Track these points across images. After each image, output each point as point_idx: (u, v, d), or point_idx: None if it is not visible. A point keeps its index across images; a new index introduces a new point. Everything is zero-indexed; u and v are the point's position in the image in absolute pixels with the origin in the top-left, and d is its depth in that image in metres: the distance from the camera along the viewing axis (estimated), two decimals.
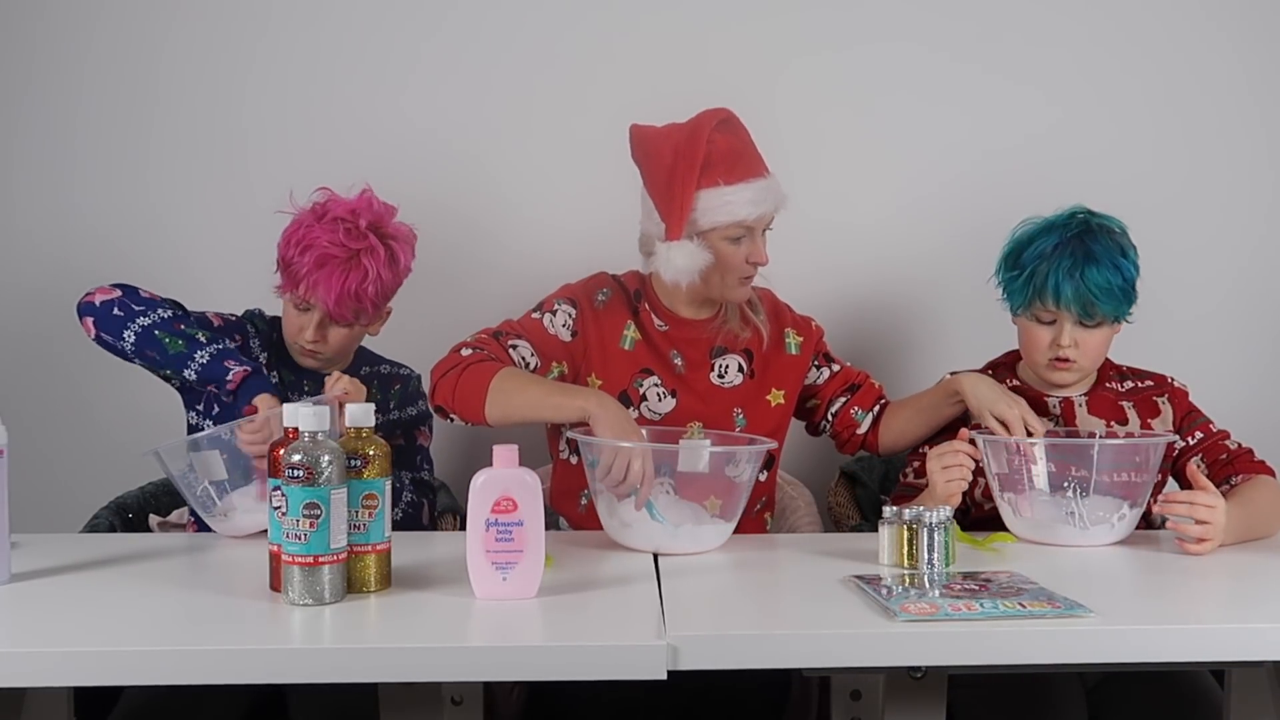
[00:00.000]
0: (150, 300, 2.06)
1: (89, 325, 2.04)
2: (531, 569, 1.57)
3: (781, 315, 2.26)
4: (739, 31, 2.71)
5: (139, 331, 2.01)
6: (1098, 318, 2.08)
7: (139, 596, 1.61)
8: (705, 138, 2.03)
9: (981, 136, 2.74)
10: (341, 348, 2.18)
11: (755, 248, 2.08)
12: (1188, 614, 1.64)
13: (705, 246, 2.05)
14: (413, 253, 2.19)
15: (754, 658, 1.44)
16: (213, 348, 2.01)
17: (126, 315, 2.02)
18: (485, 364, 1.99)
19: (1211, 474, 2.09)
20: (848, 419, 2.25)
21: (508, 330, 2.10)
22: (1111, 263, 2.06)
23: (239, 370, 1.98)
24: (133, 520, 2.18)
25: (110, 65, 2.69)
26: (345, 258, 2.07)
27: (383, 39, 2.70)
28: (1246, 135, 2.77)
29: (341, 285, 2.07)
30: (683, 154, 2.04)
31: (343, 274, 2.07)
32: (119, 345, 2.03)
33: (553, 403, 1.96)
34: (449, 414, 2.01)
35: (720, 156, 2.04)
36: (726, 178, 2.03)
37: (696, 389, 2.16)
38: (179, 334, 2.02)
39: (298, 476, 1.50)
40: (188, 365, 2.01)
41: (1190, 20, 2.75)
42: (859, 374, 2.29)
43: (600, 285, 2.20)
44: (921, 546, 1.74)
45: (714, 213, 2.04)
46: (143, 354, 2.02)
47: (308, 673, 1.42)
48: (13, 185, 2.71)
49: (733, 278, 2.09)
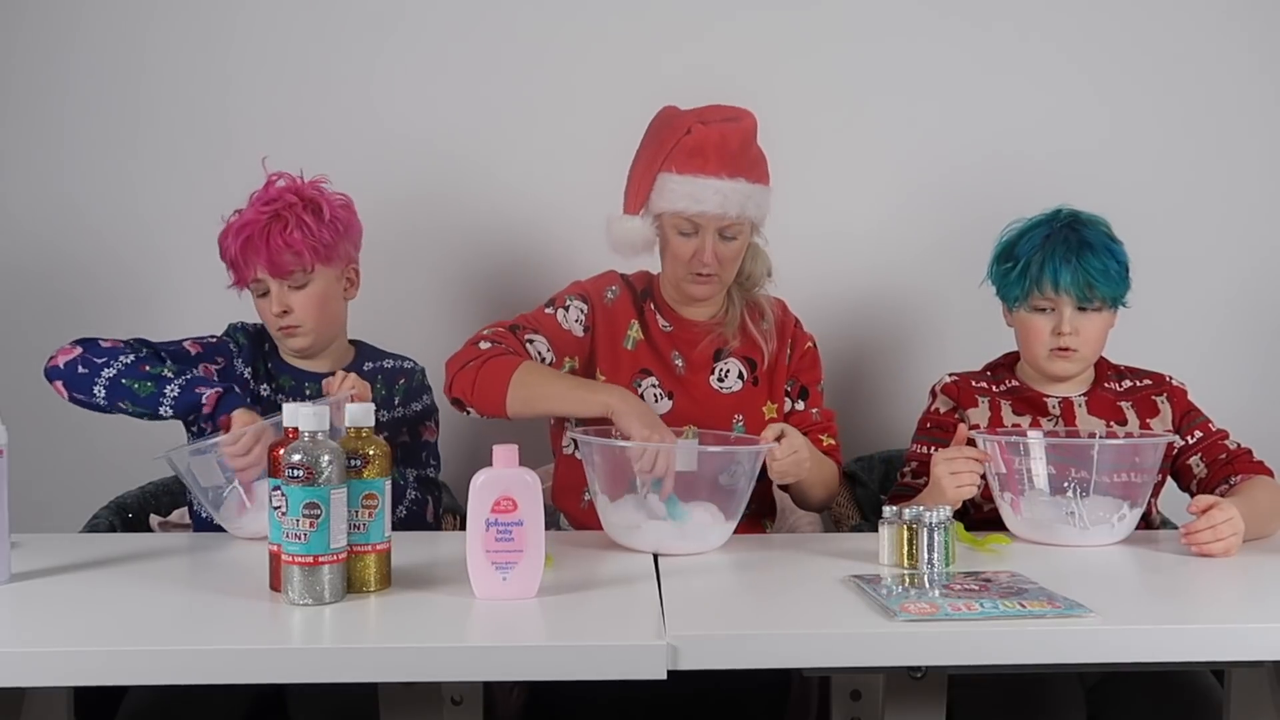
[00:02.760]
0: (111, 349, 2.04)
1: (60, 389, 2.03)
2: (531, 569, 1.57)
3: (786, 329, 2.25)
4: (739, 31, 2.71)
5: (107, 384, 2.01)
6: (1096, 301, 2.08)
7: (139, 596, 1.61)
8: (687, 126, 2.05)
9: (980, 137, 2.75)
10: (317, 318, 2.16)
11: (703, 247, 2.08)
12: (1187, 614, 1.64)
13: (656, 229, 2.09)
14: (348, 210, 2.20)
15: (754, 658, 1.44)
16: (180, 380, 2.01)
17: (91, 371, 2.01)
18: (505, 358, 2.00)
19: (1210, 473, 2.09)
20: None
21: (524, 324, 2.11)
22: (1105, 247, 2.08)
23: (211, 394, 1.98)
24: (133, 520, 2.18)
25: (100, 53, 2.70)
26: (265, 220, 2.11)
27: (379, 34, 2.71)
28: (1245, 133, 2.77)
29: (267, 242, 2.10)
30: (657, 133, 2.08)
31: (264, 233, 2.10)
32: (93, 402, 2.02)
33: (576, 397, 1.98)
34: (467, 406, 2.01)
35: (693, 147, 2.05)
36: (681, 168, 2.05)
37: (694, 392, 2.16)
38: (145, 376, 2.01)
39: (298, 476, 1.50)
40: (160, 404, 2.00)
41: (1188, 15, 2.75)
42: (811, 424, 2.21)
43: (609, 283, 2.21)
44: (921, 546, 1.74)
45: (661, 198, 2.07)
46: (116, 405, 2.02)
47: (308, 673, 1.42)
48: (11, 180, 2.71)
49: (681, 270, 2.11)
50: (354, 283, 2.25)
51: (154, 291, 2.71)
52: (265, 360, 2.23)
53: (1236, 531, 1.82)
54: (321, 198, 2.15)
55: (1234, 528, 1.81)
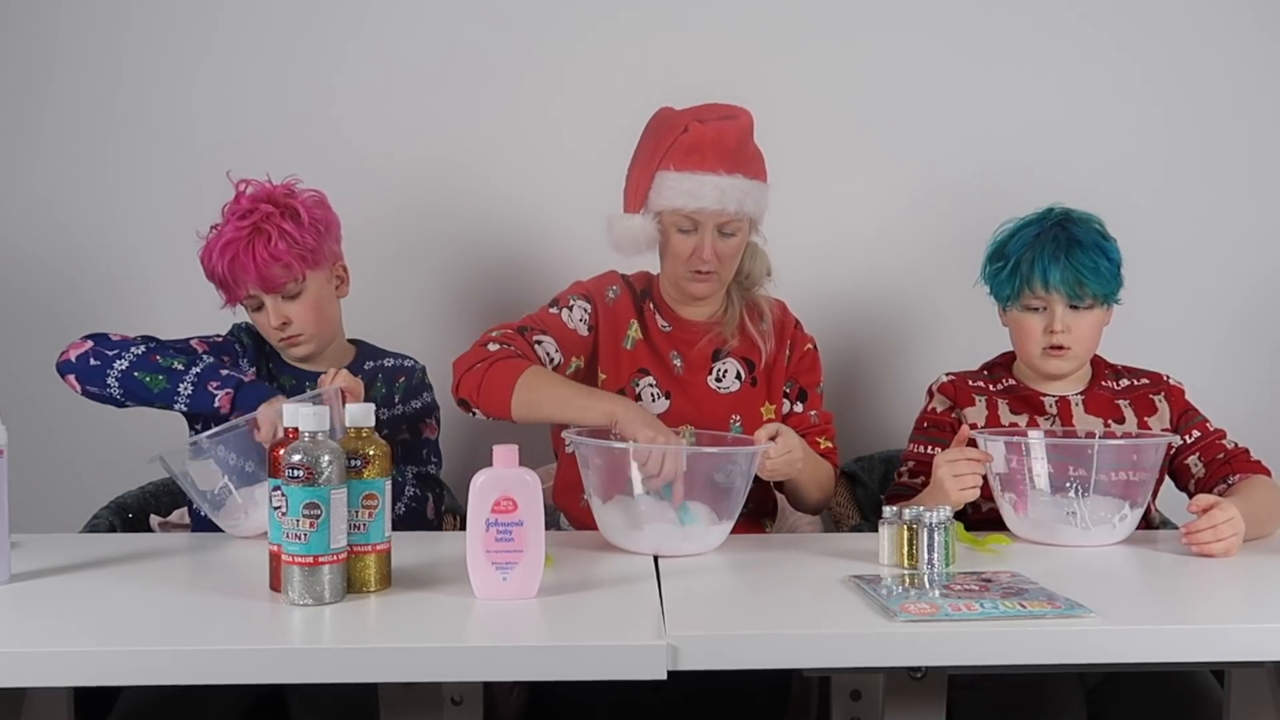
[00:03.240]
0: (121, 342, 2.04)
1: (73, 382, 2.02)
2: (531, 569, 1.57)
3: (785, 330, 2.25)
4: (737, 32, 2.71)
5: (120, 376, 2.00)
6: (1087, 299, 2.08)
7: (139, 596, 1.61)
8: (684, 124, 2.06)
9: (979, 137, 2.75)
10: (316, 324, 2.16)
11: (702, 244, 2.09)
12: (1188, 614, 1.64)
13: (656, 226, 2.09)
14: (323, 207, 2.18)
15: (754, 658, 1.44)
16: (193, 374, 2.00)
17: (103, 363, 2.01)
18: (512, 360, 2.00)
19: (1208, 472, 2.09)
20: None
21: (532, 325, 2.11)
22: (1095, 245, 2.08)
23: (224, 395, 1.98)
24: (133, 520, 2.18)
25: (90, 49, 2.70)
26: (246, 236, 2.09)
27: (378, 33, 2.71)
28: (1248, 133, 2.77)
29: (253, 257, 2.08)
30: (654, 133, 2.09)
31: (249, 248, 2.08)
32: (107, 394, 2.02)
33: (579, 404, 1.97)
34: (473, 408, 2.01)
35: (690, 144, 2.06)
36: (679, 164, 2.06)
37: (691, 392, 2.16)
38: (157, 369, 2.01)
39: (298, 476, 1.50)
40: (175, 400, 2.00)
41: (1191, 15, 2.75)
42: (809, 428, 2.21)
43: (610, 283, 2.21)
44: (921, 546, 1.74)
45: (663, 195, 2.08)
46: (131, 396, 2.02)
47: (308, 673, 1.42)
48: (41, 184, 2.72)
49: (681, 269, 2.12)
50: (344, 279, 2.25)
51: (130, 295, 2.72)
52: (267, 361, 2.23)
53: (1237, 532, 1.82)
54: (296, 201, 2.13)
55: (1235, 528, 1.81)
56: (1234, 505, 1.83)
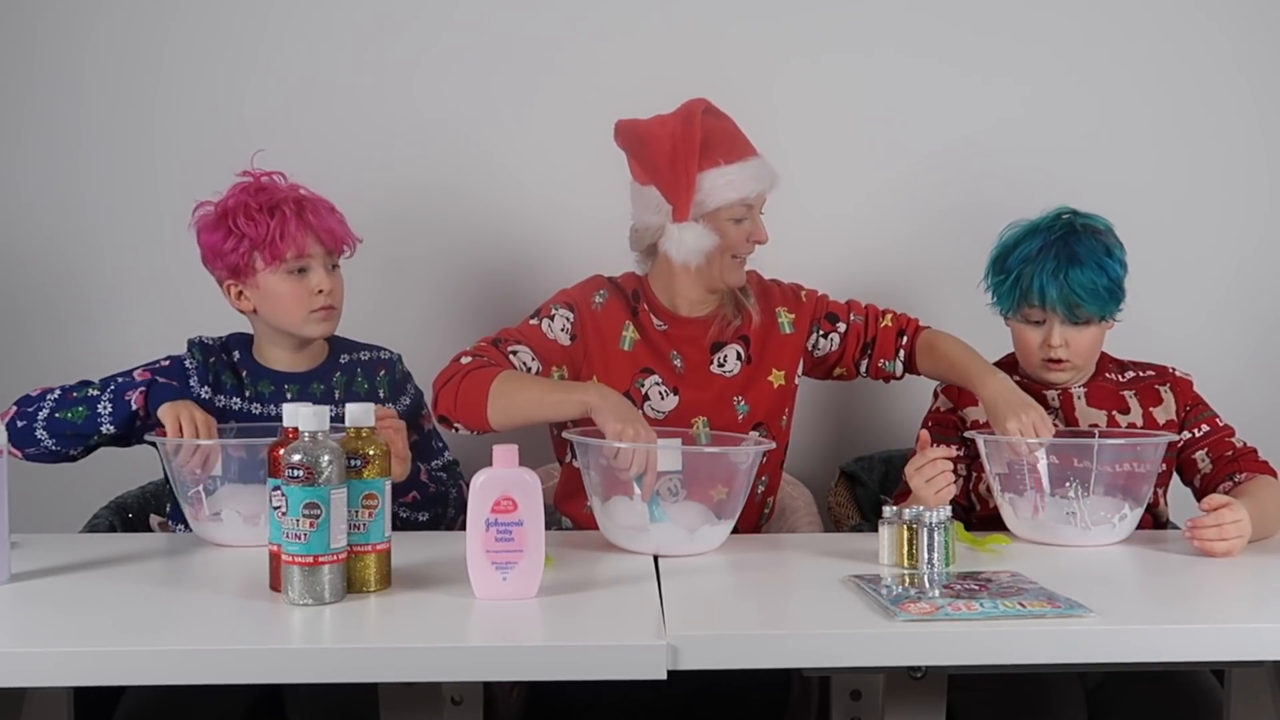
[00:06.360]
0: (40, 394, 2.00)
1: (15, 451, 1.97)
2: (531, 569, 1.57)
3: (770, 294, 2.26)
4: (736, 30, 2.71)
5: (45, 425, 1.96)
6: (1084, 318, 2.08)
7: (139, 596, 1.61)
8: (698, 123, 2.07)
9: (978, 135, 2.74)
10: (342, 305, 2.13)
11: (756, 225, 2.13)
12: (1188, 614, 1.63)
13: (711, 229, 2.09)
14: None
15: (754, 658, 1.44)
16: (109, 392, 1.98)
17: (29, 421, 1.97)
18: (485, 370, 1.99)
19: (1215, 469, 2.09)
20: (881, 372, 2.26)
21: (506, 337, 2.09)
22: (1096, 263, 2.06)
23: (138, 394, 1.95)
24: (133, 520, 2.18)
25: (112, 56, 2.70)
26: (298, 198, 2.05)
27: (381, 35, 2.70)
28: (1243, 127, 2.76)
29: (316, 215, 2.05)
30: (681, 138, 2.08)
31: (312, 206, 2.05)
32: (44, 449, 1.98)
33: (553, 399, 1.97)
34: (453, 424, 2.00)
35: (716, 139, 2.08)
36: (726, 158, 2.08)
37: (697, 383, 2.16)
38: (75, 402, 1.97)
39: (298, 476, 1.50)
40: (100, 421, 1.96)
41: (1184, 13, 2.74)
42: (871, 323, 2.25)
43: (596, 288, 2.20)
44: (921, 546, 1.74)
45: (718, 192, 2.08)
46: (64, 439, 1.97)
47: (308, 673, 1.43)
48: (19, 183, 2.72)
49: (734, 260, 2.13)
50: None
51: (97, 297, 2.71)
52: (236, 371, 2.12)
53: (1242, 535, 1.82)
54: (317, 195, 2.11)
55: (1240, 530, 1.82)
56: (1244, 508, 1.83)
